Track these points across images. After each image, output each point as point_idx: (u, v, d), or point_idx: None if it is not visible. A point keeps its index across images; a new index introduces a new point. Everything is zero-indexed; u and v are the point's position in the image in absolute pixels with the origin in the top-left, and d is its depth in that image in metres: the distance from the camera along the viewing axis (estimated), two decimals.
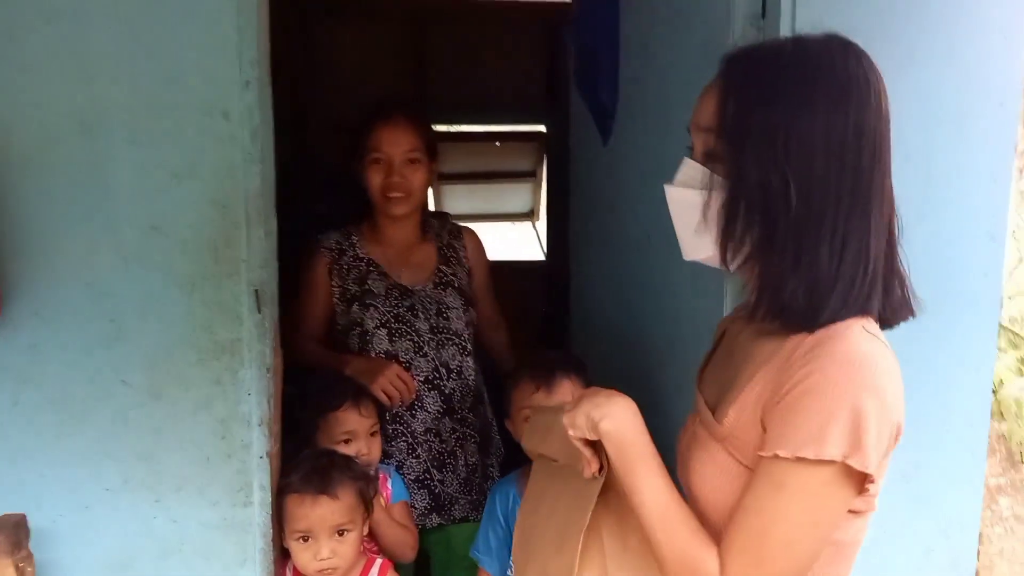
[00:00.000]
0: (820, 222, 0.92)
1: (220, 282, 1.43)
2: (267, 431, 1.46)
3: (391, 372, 1.85)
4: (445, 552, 1.97)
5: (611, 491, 1.06)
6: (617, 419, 1.01)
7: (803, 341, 0.94)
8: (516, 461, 1.76)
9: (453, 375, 1.97)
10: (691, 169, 1.00)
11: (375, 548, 1.70)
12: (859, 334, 0.93)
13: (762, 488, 0.93)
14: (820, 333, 0.93)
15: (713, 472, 1.01)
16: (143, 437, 1.45)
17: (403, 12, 4.32)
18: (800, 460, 0.89)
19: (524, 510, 1.29)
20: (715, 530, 0.98)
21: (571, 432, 1.05)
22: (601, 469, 1.05)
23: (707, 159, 0.98)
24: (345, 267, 1.99)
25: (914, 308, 1.00)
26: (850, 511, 0.95)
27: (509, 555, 1.69)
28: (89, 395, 1.43)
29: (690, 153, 1.02)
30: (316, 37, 4.18)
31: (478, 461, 2.02)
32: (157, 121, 1.40)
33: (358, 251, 2.01)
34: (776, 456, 0.91)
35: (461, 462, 1.99)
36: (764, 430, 0.95)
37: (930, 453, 1.56)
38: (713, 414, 1.04)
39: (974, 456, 1.60)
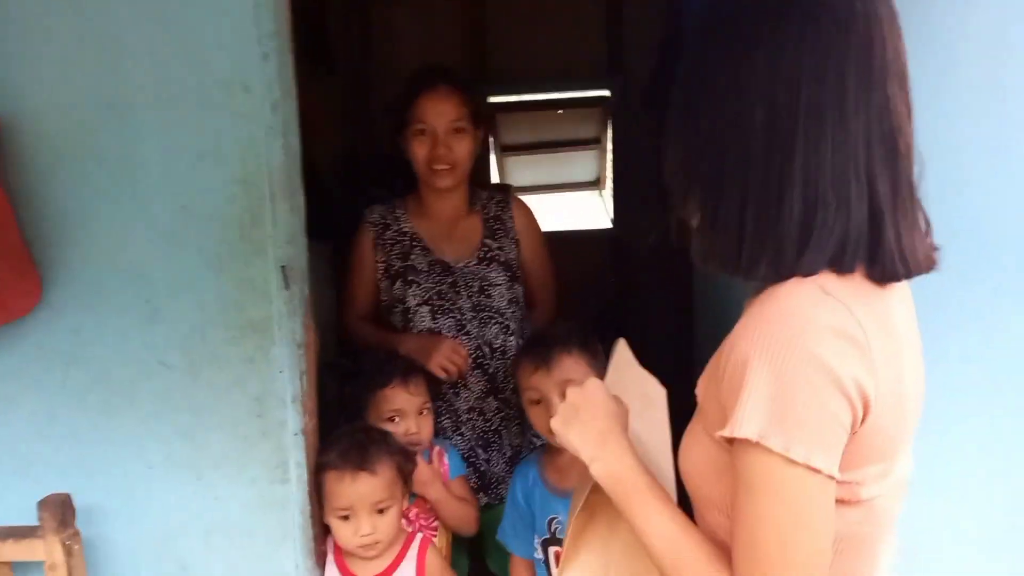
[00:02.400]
0: (771, 163, 0.81)
1: (248, 260, 1.42)
2: (301, 408, 1.45)
3: (447, 347, 1.82)
4: (493, 532, 1.94)
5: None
6: (608, 460, 0.96)
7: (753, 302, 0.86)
8: None
9: (497, 354, 1.92)
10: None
11: (434, 523, 1.69)
12: (802, 294, 0.80)
13: (739, 488, 0.82)
14: (764, 292, 0.83)
15: (692, 449, 0.94)
16: (183, 416, 1.46)
17: None
18: (734, 442, 0.79)
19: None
20: (700, 509, 0.92)
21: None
22: None
23: None
24: (389, 242, 1.96)
25: (935, 259, 0.87)
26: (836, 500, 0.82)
27: (532, 537, 1.65)
28: (131, 376, 1.45)
29: None
30: (372, 21, 4.18)
31: (523, 442, 1.97)
32: (181, 100, 1.39)
33: (402, 225, 1.97)
34: (724, 439, 0.81)
35: (506, 442, 1.95)
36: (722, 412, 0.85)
37: None
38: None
39: None
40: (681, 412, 1.07)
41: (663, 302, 4.09)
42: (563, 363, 1.55)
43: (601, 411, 1.00)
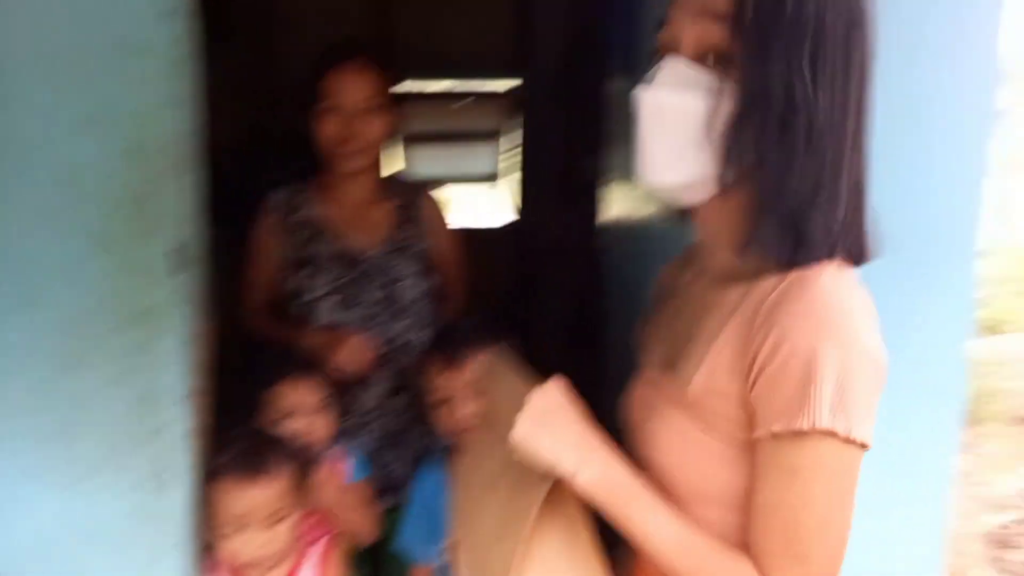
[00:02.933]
0: (838, 149, 0.81)
1: (139, 240, 1.28)
2: (191, 407, 1.32)
3: (351, 344, 1.72)
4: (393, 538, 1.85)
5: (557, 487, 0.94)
6: (594, 468, 0.88)
7: (770, 289, 0.83)
8: None
9: (406, 349, 1.83)
10: (680, 69, 0.82)
11: (330, 532, 1.58)
12: (830, 278, 0.82)
13: (775, 478, 0.82)
14: (789, 279, 0.82)
15: (676, 442, 0.90)
16: (61, 411, 1.30)
17: None
18: (799, 435, 0.79)
19: (460, 481, 1.18)
20: (684, 504, 0.89)
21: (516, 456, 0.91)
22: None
23: (703, 57, 0.82)
24: (292, 227, 1.82)
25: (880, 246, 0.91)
26: None
27: (435, 541, 1.56)
28: (3, 366, 1.28)
29: (658, 54, 0.86)
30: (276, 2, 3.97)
31: (432, 441, 1.89)
32: (62, 60, 1.23)
33: (307, 211, 1.84)
34: (774, 435, 0.81)
35: (413, 442, 1.87)
36: (745, 408, 0.84)
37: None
38: (666, 375, 0.93)
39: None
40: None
41: (566, 296, 4.09)
42: (473, 362, 1.48)
43: (573, 414, 0.91)
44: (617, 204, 2.31)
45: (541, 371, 1.10)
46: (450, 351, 1.50)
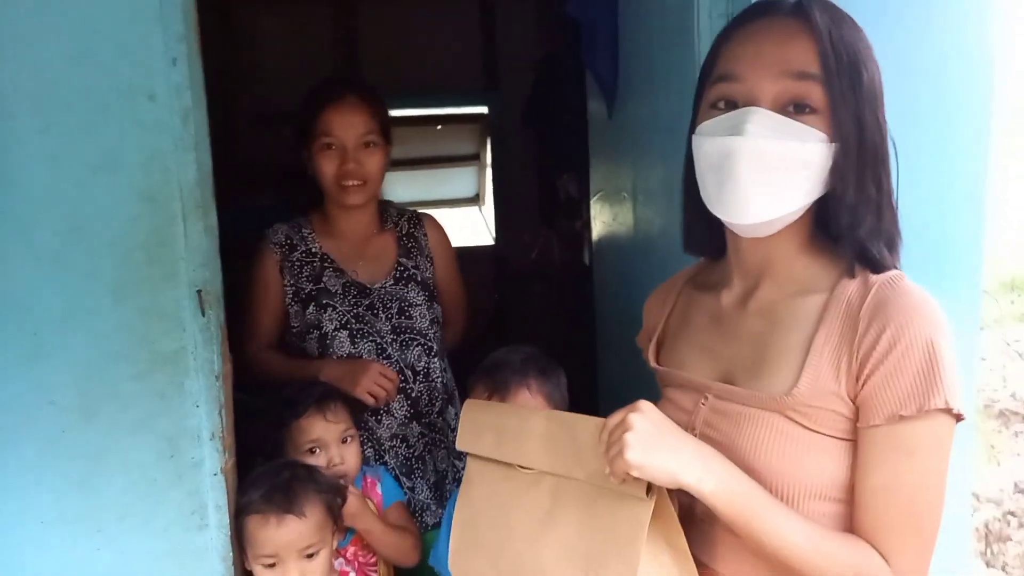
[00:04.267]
0: (890, 170, 0.96)
1: (155, 285, 1.28)
2: (220, 445, 1.32)
3: (373, 371, 1.72)
4: (421, 561, 1.85)
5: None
6: (718, 475, 0.90)
7: (856, 295, 0.94)
8: None
9: (420, 377, 1.85)
10: (771, 120, 0.91)
11: (373, 560, 1.58)
12: (909, 280, 0.94)
13: (891, 461, 0.90)
14: (878, 284, 0.93)
15: (782, 444, 0.94)
16: (77, 462, 1.29)
17: None
18: (923, 416, 0.88)
19: (463, 521, 1.16)
20: (794, 503, 0.93)
21: (617, 472, 0.91)
22: (649, 490, 0.93)
23: (793, 110, 0.92)
24: (297, 264, 1.83)
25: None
26: None
27: None
28: (13, 421, 1.27)
29: (729, 105, 0.94)
30: (238, 21, 3.97)
31: (448, 466, 1.90)
32: (72, 106, 1.24)
33: (310, 245, 1.85)
34: (901, 418, 0.89)
35: (431, 468, 1.87)
36: (852, 401, 0.92)
37: None
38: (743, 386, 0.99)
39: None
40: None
41: (546, 316, 4.13)
42: (520, 394, 1.42)
43: (675, 427, 0.93)
44: (602, 222, 2.35)
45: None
46: (498, 381, 1.43)
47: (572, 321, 3.52)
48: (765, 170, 0.91)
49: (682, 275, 1.21)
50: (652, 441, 0.89)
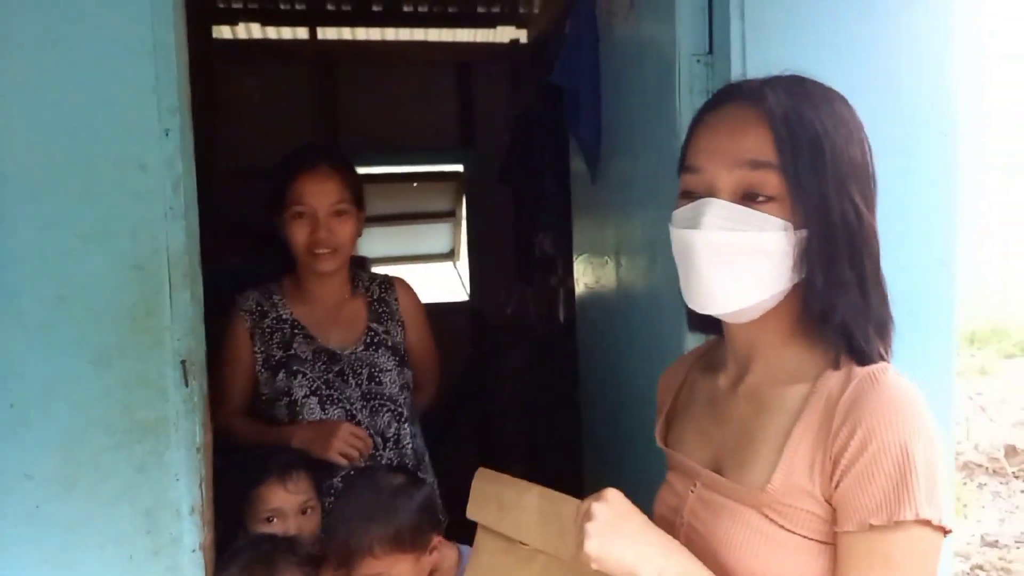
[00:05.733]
0: (877, 253, 0.91)
1: (140, 354, 1.28)
2: (199, 519, 1.30)
3: (343, 432, 1.71)
4: None
5: None
6: (678, 571, 0.88)
7: (837, 388, 0.88)
8: (464, 528, 1.63)
9: (390, 444, 1.84)
10: (726, 210, 0.90)
11: None
12: (894, 374, 0.89)
13: (866, 568, 0.84)
14: (859, 377, 0.88)
15: (756, 541, 0.90)
16: (53, 535, 1.26)
17: (310, 53, 4.21)
18: (896, 527, 0.82)
19: None
20: None
21: (583, 561, 0.90)
22: None
23: (748, 199, 0.89)
24: (268, 330, 1.83)
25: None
26: None
27: None
28: None
29: (693, 195, 0.93)
30: (217, 80, 4.00)
31: None
32: (62, 176, 1.24)
33: (280, 312, 1.85)
34: (871, 527, 0.83)
35: None
36: (827, 502, 0.87)
37: None
38: (720, 474, 0.96)
39: None
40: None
41: (522, 370, 4.14)
42: (365, 564, 1.39)
43: (641, 519, 0.91)
44: (584, 283, 2.38)
45: (499, 446, 1.10)
46: (344, 555, 1.39)
47: (549, 376, 3.53)
48: (723, 261, 0.90)
49: (695, 352, 1.18)
50: (611, 532, 0.88)
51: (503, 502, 1.11)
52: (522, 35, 4.22)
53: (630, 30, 1.78)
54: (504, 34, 4.32)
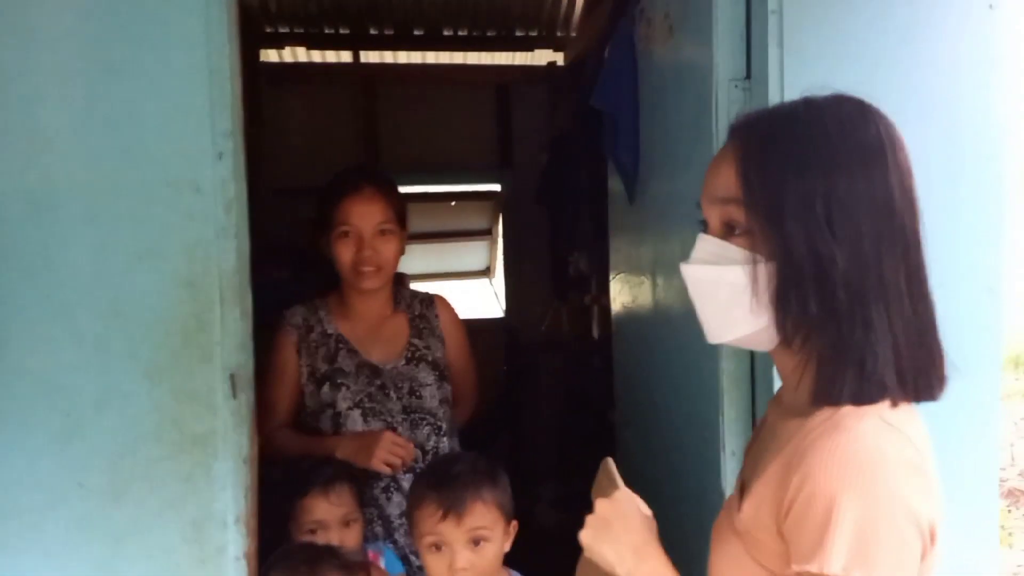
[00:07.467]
0: (881, 290, 0.85)
1: (191, 368, 1.32)
2: (244, 529, 1.33)
3: (386, 442, 1.74)
4: None
5: None
6: (649, 574, 0.94)
7: (815, 427, 0.85)
8: None
9: (429, 457, 1.86)
10: (710, 245, 0.93)
11: None
12: (869, 426, 0.82)
13: None
14: (832, 419, 0.84)
15: (731, 568, 0.93)
16: (101, 545, 1.30)
17: (353, 76, 4.30)
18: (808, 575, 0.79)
19: None
20: None
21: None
22: None
23: (728, 233, 0.91)
24: (313, 344, 1.88)
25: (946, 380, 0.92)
26: None
27: None
28: (40, 502, 1.29)
29: (703, 228, 0.95)
30: (263, 101, 4.11)
31: None
32: (118, 197, 1.30)
33: (326, 327, 1.90)
34: (796, 573, 0.81)
35: None
36: (781, 541, 0.86)
37: None
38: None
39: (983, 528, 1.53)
40: None
41: (556, 386, 4.15)
42: (475, 511, 1.36)
43: (634, 523, 0.97)
44: (621, 302, 2.40)
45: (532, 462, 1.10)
46: (452, 498, 1.36)
47: (583, 393, 3.54)
48: (705, 293, 0.93)
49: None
50: (602, 528, 0.96)
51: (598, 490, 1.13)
52: (559, 58, 4.26)
53: (669, 55, 1.80)
54: (541, 57, 4.36)
